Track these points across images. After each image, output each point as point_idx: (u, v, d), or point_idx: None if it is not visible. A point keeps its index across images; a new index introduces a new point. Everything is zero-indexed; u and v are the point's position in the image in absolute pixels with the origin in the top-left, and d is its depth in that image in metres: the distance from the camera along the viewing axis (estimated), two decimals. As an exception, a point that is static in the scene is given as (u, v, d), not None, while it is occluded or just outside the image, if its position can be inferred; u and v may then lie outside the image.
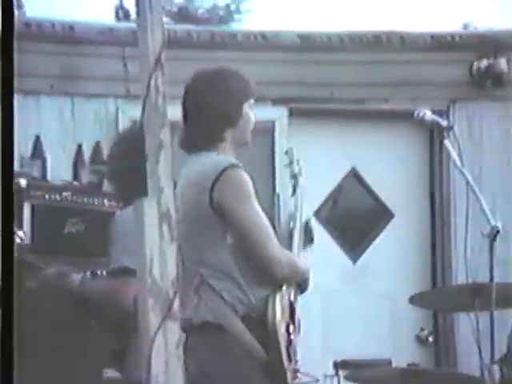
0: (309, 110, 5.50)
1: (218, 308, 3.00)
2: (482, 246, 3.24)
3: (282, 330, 3.01)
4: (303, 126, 5.50)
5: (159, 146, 2.76)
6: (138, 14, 3.10)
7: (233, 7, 15.59)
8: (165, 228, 2.70)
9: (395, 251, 5.63)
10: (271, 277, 3.01)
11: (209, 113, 3.14)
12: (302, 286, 3.18)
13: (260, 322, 2.99)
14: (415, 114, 3.42)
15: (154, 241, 2.65)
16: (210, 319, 3.01)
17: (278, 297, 3.03)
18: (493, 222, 3.15)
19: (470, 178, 3.29)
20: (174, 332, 2.47)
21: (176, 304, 2.47)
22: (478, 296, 3.36)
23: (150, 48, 2.99)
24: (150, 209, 2.70)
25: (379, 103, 5.57)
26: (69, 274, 3.67)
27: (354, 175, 5.70)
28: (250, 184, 3.05)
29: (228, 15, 15.54)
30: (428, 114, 3.40)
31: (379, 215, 5.69)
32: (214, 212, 3.01)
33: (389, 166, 5.65)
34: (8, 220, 2.35)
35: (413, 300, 3.70)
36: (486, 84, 5.44)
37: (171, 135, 3.32)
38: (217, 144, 3.15)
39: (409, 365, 3.87)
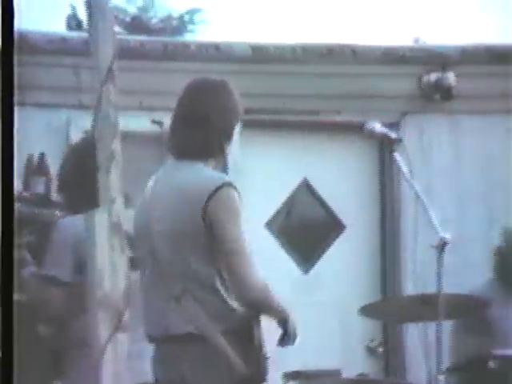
0: (261, 121, 5.53)
1: (201, 320, 3.00)
2: (431, 257, 3.28)
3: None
4: (255, 138, 5.52)
5: (110, 157, 2.76)
6: (89, 23, 3.09)
7: (186, 18, 15.57)
8: (115, 239, 2.70)
9: (346, 262, 5.66)
10: (244, 298, 3.03)
11: (213, 124, 3.16)
12: (287, 335, 3.18)
13: (244, 338, 3.02)
14: (366, 127, 3.46)
15: (104, 252, 2.64)
16: (192, 330, 3.00)
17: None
18: (441, 234, 3.19)
19: (418, 189, 3.33)
20: (124, 344, 2.46)
21: (126, 316, 2.46)
22: (426, 307, 3.40)
23: (102, 58, 2.98)
24: (100, 220, 2.70)
25: (331, 115, 5.61)
26: (28, 263, 3.69)
27: (306, 186, 5.73)
28: (240, 203, 3.09)
29: (182, 26, 15.52)
30: (378, 127, 3.44)
31: (331, 226, 5.73)
32: (205, 226, 3.03)
33: (340, 178, 5.69)
34: (8, 221, 2.35)
35: (362, 311, 3.73)
36: (434, 97, 5.52)
37: (123, 146, 3.31)
38: (212, 156, 3.18)
39: (358, 375, 3.90)
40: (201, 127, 3.15)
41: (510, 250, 4.12)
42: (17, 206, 3.98)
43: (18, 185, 4.88)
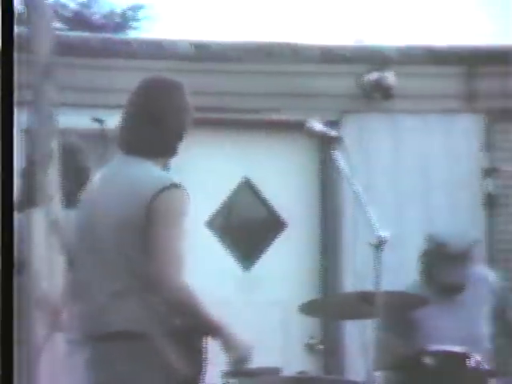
0: (202, 119, 5.52)
1: (143, 318, 2.99)
2: (371, 255, 3.30)
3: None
4: (196, 136, 5.51)
5: (48, 155, 2.73)
6: (27, 18, 3.06)
7: (129, 14, 15.47)
8: (53, 238, 2.67)
9: (287, 260, 5.69)
10: (164, 298, 3.02)
11: (168, 125, 3.18)
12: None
13: (187, 338, 3.02)
14: (306, 125, 3.47)
15: (41, 251, 2.61)
16: (133, 328, 2.99)
17: None
18: (379, 232, 3.22)
19: (358, 188, 3.35)
20: (61, 344, 2.43)
21: (64, 315, 2.44)
22: (365, 304, 3.43)
23: (40, 54, 2.95)
24: (38, 219, 2.67)
25: (272, 113, 5.63)
26: None
27: (247, 185, 5.74)
28: (185, 205, 3.08)
29: (125, 22, 15.41)
30: (318, 125, 3.46)
31: (272, 225, 5.75)
32: (148, 224, 3.03)
33: (281, 176, 5.72)
34: (8, 223, 2.39)
35: (302, 308, 3.74)
36: (374, 96, 5.57)
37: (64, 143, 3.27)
38: (164, 156, 3.20)
39: (298, 373, 3.92)
40: (155, 126, 3.16)
41: (434, 253, 4.19)
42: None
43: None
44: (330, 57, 5.60)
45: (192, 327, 3.02)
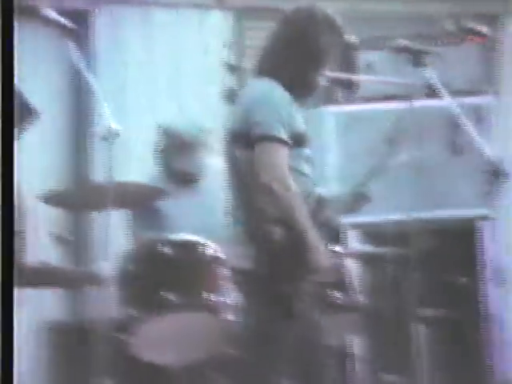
0: None
1: None
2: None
3: None
4: None
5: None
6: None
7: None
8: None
9: (39, 150, 5.60)
10: None
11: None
12: None
13: None
14: (41, 12, 3.40)
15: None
16: None
17: None
18: (110, 124, 3.25)
19: (92, 81, 3.35)
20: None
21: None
22: (100, 196, 3.48)
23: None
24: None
25: None
26: None
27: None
28: None
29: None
30: (52, 14, 3.40)
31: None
32: None
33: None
34: (8, 221, 2.49)
35: (46, 199, 3.75)
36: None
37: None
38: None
39: (40, 263, 3.92)
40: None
41: (168, 144, 4.34)
42: None
43: None
44: None
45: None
